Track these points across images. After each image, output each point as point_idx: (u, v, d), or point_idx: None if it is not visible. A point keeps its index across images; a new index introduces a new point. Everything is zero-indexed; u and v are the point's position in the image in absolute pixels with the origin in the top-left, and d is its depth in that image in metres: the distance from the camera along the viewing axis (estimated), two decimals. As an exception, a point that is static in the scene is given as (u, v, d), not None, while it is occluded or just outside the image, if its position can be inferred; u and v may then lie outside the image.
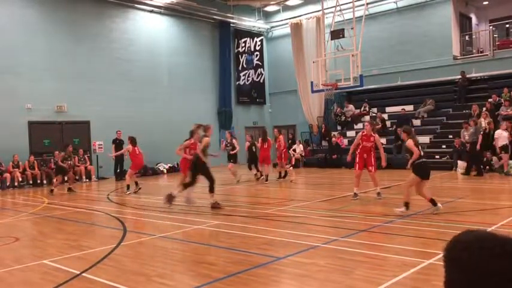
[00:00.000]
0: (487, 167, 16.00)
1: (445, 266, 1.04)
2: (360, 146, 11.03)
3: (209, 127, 11.29)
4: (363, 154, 10.96)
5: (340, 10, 18.81)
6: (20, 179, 17.58)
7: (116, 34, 21.54)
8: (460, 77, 20.19)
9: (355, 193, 11.06)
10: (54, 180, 15.91)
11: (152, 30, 22.94)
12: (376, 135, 11.10)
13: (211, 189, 10.75)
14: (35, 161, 18.16)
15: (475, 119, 16.60)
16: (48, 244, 7.70)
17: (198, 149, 10.84)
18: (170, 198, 10.82)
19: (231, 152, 16.81)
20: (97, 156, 20.07)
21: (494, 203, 9.71)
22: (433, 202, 8.67)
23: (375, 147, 11.10)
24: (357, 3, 18.64)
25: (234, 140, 17.18)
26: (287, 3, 26.01)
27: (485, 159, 16.18)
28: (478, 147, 15.49)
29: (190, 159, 11.59)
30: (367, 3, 19.98)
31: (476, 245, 0.97)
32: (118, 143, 19.41)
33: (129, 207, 11.94)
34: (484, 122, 17.31)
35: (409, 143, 8.79)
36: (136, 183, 14.71)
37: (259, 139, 16.65)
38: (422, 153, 8.70)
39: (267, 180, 15.74)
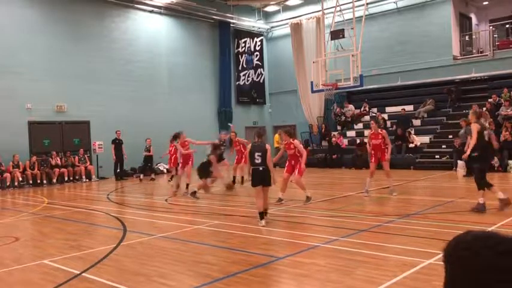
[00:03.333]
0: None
1: (446, 266, 1.04)
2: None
3: None
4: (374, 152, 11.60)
5: (340, 10, 18.80)
6: (20, 179, 17.58)
7: (116, 34, 21.54)
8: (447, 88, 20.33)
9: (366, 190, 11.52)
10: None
11: (152, 30, 22.94)
12: (384, 131, 11.70)
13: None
14: (35, 161, 18.16)
15: (465, 119, 16.55)
16: (48, 244, 7.70)
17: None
18: None
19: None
20: (97, 156, 20.07)
21: (494, 203, 9.70)
22: (261, 215, 8.35)
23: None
24: (357, 3, 18.63)
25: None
26: (287, 3, 26.00)
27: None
28: (466, 147, 15.41)
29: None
30: (367, 3, 19.96)
31: (479, 244, 0.97)
32: (118, 143, 19.43)
33: (129, 207, 11.94)
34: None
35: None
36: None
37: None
38: (256, 162, 8.29)
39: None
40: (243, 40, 27.17)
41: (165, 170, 21.98)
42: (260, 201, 8.38)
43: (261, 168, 8.31)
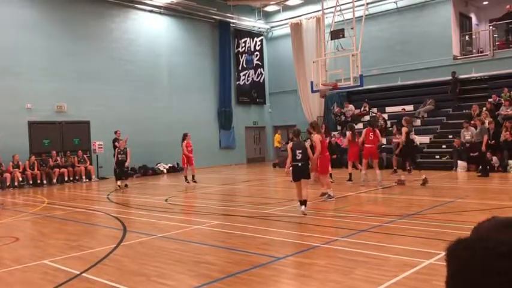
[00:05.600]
0: (488, 166, 15.99)
1: (447, 265, 1.04)
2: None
3: None
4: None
5: (340, 10, 18.78)
6: (20, 179, 17.57)
7: (116, 34, 21.53)
8: (451, 77, 20.26)
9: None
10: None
11: (152, 30, 22.94)
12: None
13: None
14: (35, 161, 18.16)
15: (482, 119, 16.54)
16: (48, 244, 7.70)
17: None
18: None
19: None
20: (97, 156, 20.06)
21: (494, 203, 9.71)
22: (301, 202, 9.22)
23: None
24: (357, 3, 18.61)
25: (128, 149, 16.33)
26: (287, 3, 26.00)
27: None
28: (483, 148, 15.41)
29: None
30: (367, 3, 19.95)
31: (479, 244, 0.97)
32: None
33: (129, 207, 11.93)
34: (485, 122, 17.28)
35: (289, 145, 9.57)
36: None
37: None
38: (297, 158, 9.21)
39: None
40: (243, 40, 27.17)
41: (164, 170, 22.00)
42: (300, 191, 9.27)
43: (300, 164, 9.20)
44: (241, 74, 27.05)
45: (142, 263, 6.12)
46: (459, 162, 16.77)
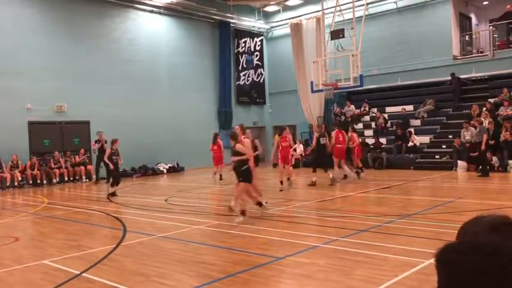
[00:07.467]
0: (487, 166, 16.00)
1: (438, 270, 1.04)
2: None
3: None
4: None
5: (340, 10, 18.79)
6: (20, 179, 17.57)
7: (115, 34, 21.53)
8: (450, 78, 20.27)
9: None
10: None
11: (152, 30, 22.93)
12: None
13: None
14: (36, 162, 18.15)
15: (480, 119, 16.56)
16: (48, 244, 7.70)
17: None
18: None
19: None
20: (97, 156, 20.04)
21: (494, 203, 9.71)
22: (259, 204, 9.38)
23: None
24: (357, 3, 18.62)
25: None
26: (287, 3, 26.00)
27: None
28: (483, 147, 15.43)
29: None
30: (367, 3, 19.95)
31: (468, 245, 0.98)
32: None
33: (129, 207, 11.93)
34: (484, 122, 17.31)
35: (239, 147, 8.94)
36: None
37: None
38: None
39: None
40: (243, 40, 27.16)
41: (164, 171, 21.99)
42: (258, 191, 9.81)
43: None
44: (241, 74, 27.05)
45: (142, 263, 6.12)
46: (459, 162, 16.79)
